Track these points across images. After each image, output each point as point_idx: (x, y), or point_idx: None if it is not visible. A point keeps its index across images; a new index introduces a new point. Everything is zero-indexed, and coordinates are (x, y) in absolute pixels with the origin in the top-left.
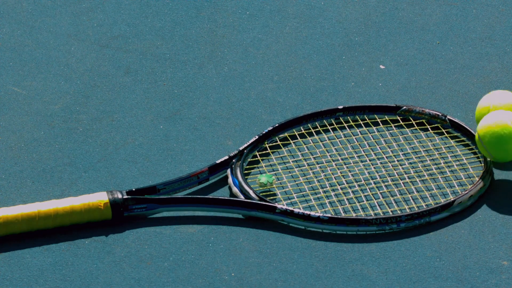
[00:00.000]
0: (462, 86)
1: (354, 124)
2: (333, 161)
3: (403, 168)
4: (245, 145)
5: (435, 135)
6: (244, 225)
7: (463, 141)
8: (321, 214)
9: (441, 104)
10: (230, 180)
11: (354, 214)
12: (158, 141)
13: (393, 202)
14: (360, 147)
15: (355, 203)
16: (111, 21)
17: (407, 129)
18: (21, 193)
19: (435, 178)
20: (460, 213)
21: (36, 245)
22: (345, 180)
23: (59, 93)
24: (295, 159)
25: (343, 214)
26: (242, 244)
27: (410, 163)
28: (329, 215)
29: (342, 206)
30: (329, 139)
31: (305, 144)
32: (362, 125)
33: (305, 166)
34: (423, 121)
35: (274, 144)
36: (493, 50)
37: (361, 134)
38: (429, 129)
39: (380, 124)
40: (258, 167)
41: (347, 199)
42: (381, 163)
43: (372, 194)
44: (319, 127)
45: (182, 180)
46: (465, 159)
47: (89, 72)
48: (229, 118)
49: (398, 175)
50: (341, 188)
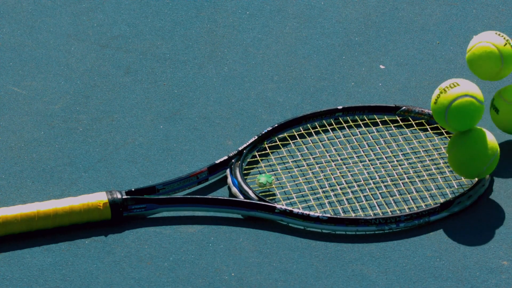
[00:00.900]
0: None
1: (354, 125)
2: (333, 161)
3: (402, 168)
4: (245, 145)
5: (435, 135)
6: (244, 225)
7: None
8: (320, 214)
9: None
10: (229, 180)
11: (353, 214)
12: (158, 141)
13: (392, 202)
14: (359, 147)
15: (354, 203)
16: (111, 21)
17: (406, 129)
18: (21, 193)
19: (434, 178)
20: (460, 213)
21: (36, 245)
22: (345, 180)
23: (59, 93)
24: (294, 159)
25: (342, 214)
26: (242, 244)
27: (410, 163)
28: (328, 215)
29: (341, 206)
30: (328, 140)
31: (304, 144)
32: (362, 125)
33: (304, 166)
34: (423, 121)
35: (273, 144)
36: None
37: (361, 134)
38: (429, 129)
39: (380, 125)
40: (257, 167)
41: (347, 199)
42: (380, 163)
43: (371, 194)
44: (318, 127)
45: (182, 180)
46: None
47: (89, 72)
48: (229, 118)
49: (397, 175)
50: (341, 188)
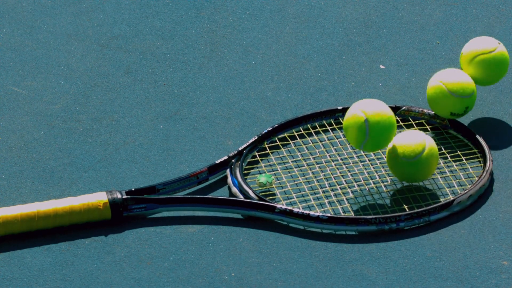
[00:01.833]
0: None
1: None
2: (333, 161)
3: None
4: (245, 145)
5: (435, 135)
6: (244, 225)
7: (462, 141)
8: (320, 214)
9: None
10: (229, 180)
11: (353, 214)
12: (158, 141)
13: (392, 201)
14: None
15: (354, 203)
16: (111, 21)
17: (406, 130)
18: (21, 193)
19: (434, 178)
20: (460, 213)
21: (36, 245)
22: (345, 180)
23: (59, 93)
24: (294, 159)
25: (342, 214)
26: (242, 244)
27: None
28: (328, 214)
29: (341, 206)
30: (328, 140)
31: (304, 145)
32: None
33: (304, 166)
34: (423, 121)
35: (273, 144)
36: None
37: None
38: (429, 129)
39: None
40: (257, 167)
41: (347, 199)
42: (380, 163)
43: (371, 194)
44: (318, 127)
45: (182, 180)
46: (465, 159)
47: (89, 72)
48: (229, 118)
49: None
50: (341, 188)
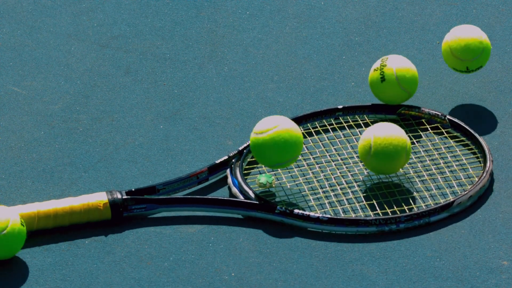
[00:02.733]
0: (462, 86)
1: (354, 124)
2: (333, 161)
3: (402, 169)
4: (245, 145)
5: (435, 135)
6: (244, 225)
7: (462, 141)
8: (320, 215)
9: (441, 104)
10: (229, 180)
11: (353, 215)
12: (158, 141)
13: (392, 202)
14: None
15: (354, 203)
16: (111, 21)
17: (406, 129)
18: (21, 193)
19: (434, 178)
20: (460, 213)
21: (36, 245)
22: (345, 181)
23: (59, 93)
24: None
25: (342, 215)
26: (242, 244)
27: (410, 163)
28: (329, 215)
29: (341, 207)
30: (328, 139)
31: (304, 144)
32: (362, 125)
33: (304, 166)
34: (423, 121)
35: None
36: (493, 50)
37: (361, 134)
38: (429, 129)
39: None
40: (257, 167)
41: (347, 199)
42: None
43: (371, 194)
44: (318, 127)
45: (182, 180)
46: (465, 159)
47: (89, 72)
48: (229, 118)
49: (397, 175)
50: (341, 189)
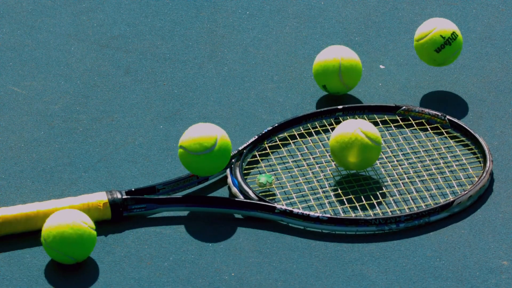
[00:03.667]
0: (462, 86)
1: None
2: (333, 161)
3: (402, 168)
4: (244, 145)
5: (435, 135)
6: (244, 225)
7: (462, 141)
8: (320, 214)
9: (441, 104)
10: (229, 180)
11: (353, 215)
12: (158, 141)
13: (392, 202)
14: None
15: (354, 203)
16: (111, 21)
17: (406, 129)
18: (21, 193)
19: (434, 178)
20: (460, 213)
21: (36, 245)
22: (345, 181)
23: (59, 93)
24: (294, 159)
25: (342, 215)
26: (242, 244)
27: (410, 163)
28: (329, 215)
29: (341, 206)
30: (328, 139)
31: (304, 144)
32: None
33: (304, 166)
34: (423, 121)
35: (273, 144)
36: (493, 50)
37: None
38: (429, 129)
39: (380, 124)
40: (257, 167)
41: (346, 199)
42: (380, 163)
43: (371, 194)
44: (318, 127)
45: (182, 180)
46: (465, 159)
47: (89, 72)
48: (229, 118)
49: (397, 175)
50: (341, 189)
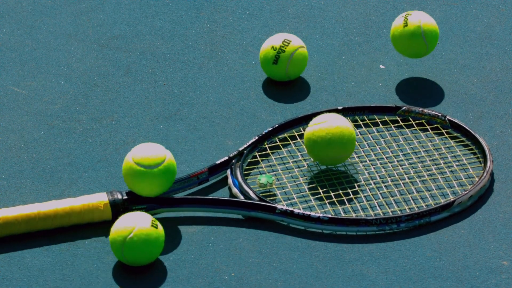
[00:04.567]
0: (462, 86)
1: (354, 125)
2: None
3: (403, 169)
4: (245, 145)
5: (435, 135)
6: (244, 225)
7: (463, 141)
8: (321, 215)
9: (441, 104)
10: (230, 180)
11: (354, 215)
12: (158, 141)
13: (393, 202)
14: (359, 148)
15: (355, 203)
16: (111, 21)
17: (406, 130)
18: (21, 193)
19: (435, 178)
20: (460, 213)
21: (36, 245)
22: (345, 181)
23: (59, 93)
24: (295, 159)
25: (343, 215)
26: (242, 244)
27: (410, 164)
28: (329, 215)
29: (342, 207)
30: None
31: (304, 145)
32: (362, 125)
33: (305, 166)
34: (423, 121)
35: (274, 144)
36: (493, 50)
37: (361, 134)
38: (429, 129)
39: (380, 125)
40: (258, 168)
41: (347, 199)
42: (380, 163)
43: (372, 194)
44: None
45: (182, 181)
46: (465, 159)
47: (89, 72)
48: (229, 118)
49: (398, 175)
50: (341, 189)
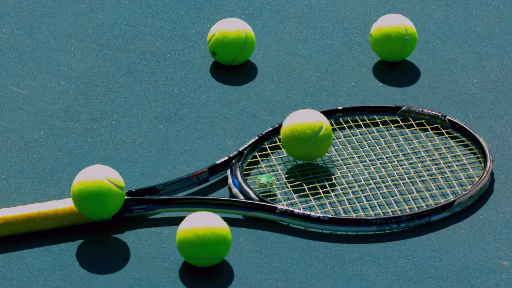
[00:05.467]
0: (462, 86)
1: (354, 125)
2: (333, 161)
3: (403, 169)
4: (245, 145)
5: (435, 135)
6: (244, 225)
7: (463, 141)
8: (321, 215)
9: (441, 104)
10: (230, 180)
11: (354, 215)
12: (158, 141)
13: (393, 202)
14: (359, 148)
15: (355, 203)
16: (111, 21)
17: (406, 130)
18: (21, 193)
19: (435, 178)
20: (460, 213)
21: (36, 245)
22: (345, 181)
23: (59, 93)
24: (294, 159)
25: (343, 215)
26: (242, 244)
27: (410, 164)
28: (329, 215)
29: (342, 207)
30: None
31: None
32: (362, 125)
33: (304, 166)
34: (423, 121)
35: (274, 144)
36: (493, 50)
37: (361, 134)
38: (429, 129)
39: (380, 125)
40: (258, 168)
41: (347, 199)
42: (381, 163)
43: (372, 194)
44: None
45: (182, 181)
46: (465, 159)
47: (89, 72)
48: (229, 118)
49: (398, 175)
50: (341, 189)
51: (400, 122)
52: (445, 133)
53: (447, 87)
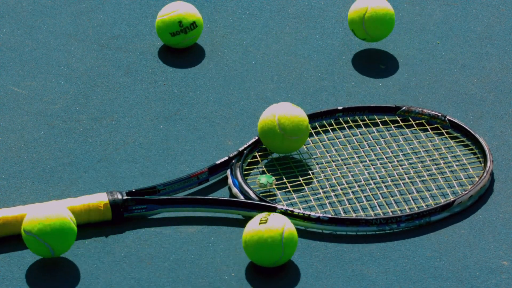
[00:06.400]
0: (462, 86)
1: (354, 125)
2: (333, 161)
3: (403, 169)
4: (245, 145)
5: (435, 135)
6: (244, 225)
7: (463, 141)
8: (321, 215)
9: (441, 104)
10: (230, 180)
11: (354, 215)
12: (158, 141)
13: (393, 202)
14: (359, 148)
15: (355, 203)
16: (111, 21)
17: (406, 130)
18: (21, 193)
19: (435, 178)
20: (460, 213)
21: None
22: (345, 181)
23: (59, 93)
24: (295, 159)
25: (343, 215)
26: (242, 244)
27: (410, 164)
28: (329, 215)
29: (342, 207)
30: (328, 140)
31: (304, 145)
32: (362, 125)
33: (305, 166)
34: (423, 121)
35: None
36: (493, 50)
37: (361, 134)
38: (429, 129)
39: (380, 125)
40: (258, 168)
41: (347, 199)
42: (381, 163)
43: (372, 194)
44: (318, 127)
45: (182, 181)
46: (465, 159)
47: (89, 72)
48: (229, 118)
49: (398, 175)
50: (341, 189)
51: (400, 122)
52: (445, 133)
53: (447, 87)
